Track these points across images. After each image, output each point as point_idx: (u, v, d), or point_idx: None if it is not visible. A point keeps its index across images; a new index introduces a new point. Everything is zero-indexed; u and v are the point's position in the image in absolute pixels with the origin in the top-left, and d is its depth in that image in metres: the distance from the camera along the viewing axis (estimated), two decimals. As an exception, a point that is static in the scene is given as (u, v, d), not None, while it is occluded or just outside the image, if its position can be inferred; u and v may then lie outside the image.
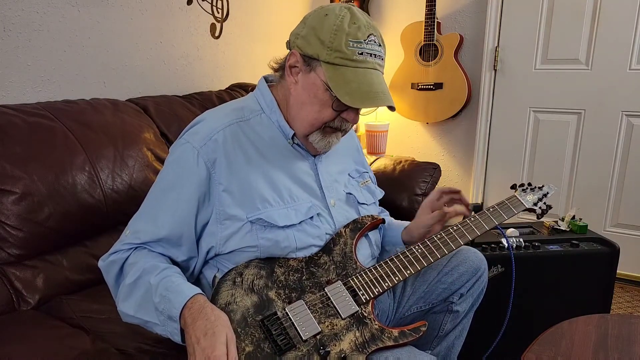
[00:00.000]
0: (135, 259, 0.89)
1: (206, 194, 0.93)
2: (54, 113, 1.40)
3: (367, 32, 0.89)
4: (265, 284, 0.89)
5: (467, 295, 1.15)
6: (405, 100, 2.69)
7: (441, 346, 1.19)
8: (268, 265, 0.92)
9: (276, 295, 0.88)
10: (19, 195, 1.23)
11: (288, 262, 0.93)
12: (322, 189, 1.03)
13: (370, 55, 0.89)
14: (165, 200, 0.93)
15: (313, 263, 0.95)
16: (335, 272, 0.94)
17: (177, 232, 0.92)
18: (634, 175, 2.31)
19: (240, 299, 0.86)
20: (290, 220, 0.94)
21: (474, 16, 2.54)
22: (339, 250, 0.97)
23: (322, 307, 0.88)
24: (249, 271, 0.90)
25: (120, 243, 0.93)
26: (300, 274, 0.92)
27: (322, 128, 0.96)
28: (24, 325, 1.11)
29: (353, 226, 1.02)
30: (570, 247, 1.58)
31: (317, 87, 0.91)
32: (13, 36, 1.51)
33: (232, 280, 0.88)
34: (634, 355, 1.02)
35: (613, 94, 2.29)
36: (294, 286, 0.90)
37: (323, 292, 0.90)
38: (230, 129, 0.96)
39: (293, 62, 0.94)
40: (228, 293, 0.86)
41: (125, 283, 0.87)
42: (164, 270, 0.86)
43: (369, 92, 0.88)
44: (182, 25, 2.11)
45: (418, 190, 2.21)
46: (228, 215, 0.92)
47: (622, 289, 2.34)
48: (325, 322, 0.86)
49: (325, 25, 0.89)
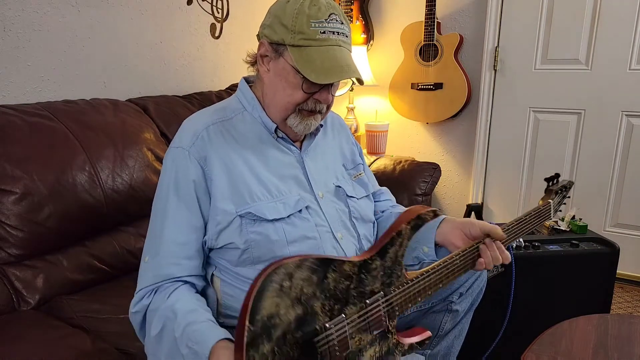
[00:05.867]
0: (156, 304, 0.89)
1: (205, 190, 0.94)
2: (54, 113, 1.40)
3: (328, 12, 0.92)
4: (313, 292, 0.79)
5: (467, 294, 1.15)
6: (405, 100, 2.69)
7: (441, 345, 1.18)
8: (322, 269, 0.81)
9: (321, 308, 0.80)
10: (19, 195, 1.23)
11: (342, 267, 0.84)
12: (309, 181, 1.03)
13: (332, 33, 0.92)
14: (170, 210, 0.94)
15: (365, 268, 0.87)
16: (381, 280, 0.89)
17: (190, 238, 0.93)
18: (634, 175, 2.31)
19: (284, 311, 0.75)
20: (279, 213, 0.95)
21: (474, 16, 2.54)
22: (393, 254, 0.91)
23: (359, 322, 0.85)
24: (300, 274, 0.78)
25: (141, 279, 0.93)
26: (350, 281, 0.84)
27: (298, 111, 0.98)
28: (24, 325, 1.11)
29: (415, 223, 0.94)
30: (570, 247, 1.58)
31: (287, 71, 0.94)
32: (13, 36, 1.51)
33: (280, 284, 0.75)
34: (634, 355, 1.02)
35: (613, 94, 2.29)
36: (340, 296, 0.83)
37: (363, 304, 0.86)
38: (213, 127, 0.98)
39: (263, 52, 0.98)
40: (273, 302, 0.74)
41: (151, 335, 0.87)
42: (186, 315, 0.85)
43: (334, 66, 0.91)
44: (182, 25, 2.11)
45: (418, 190, 2.22)
46: (218, 210, 0.93)
47: (622, 289, 2.34)
48: (355, 338, 0.84)
49: (287, 10, 0.92)
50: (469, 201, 2.70)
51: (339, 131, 1.20)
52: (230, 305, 0.98)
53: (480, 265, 1.02)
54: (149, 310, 0.90)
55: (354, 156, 1.21)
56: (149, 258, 0.93)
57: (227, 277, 0.97)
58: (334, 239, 1.01)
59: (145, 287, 0.91)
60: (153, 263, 0.92)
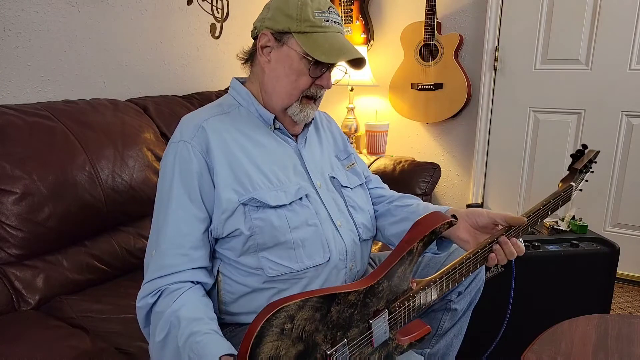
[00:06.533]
0: (162, 307, 0.89)
1: (209, 181, 0.95)
2: (54, 113, 1.40)
3: (327, 5, 1.00)
4: (315, 328, 0.78)
5: (465, 293, 1.15)
6: (405, 100, 2.69)
7: (440, 344, 1.19)
8: (326, 305, 0.79)
9: (322, 339, 0.79)
10: (19, 195, 1.23)
11: (347, 297, 0.81)
12: (307, 172, 1.06)
13: (334, 23, 1.00)
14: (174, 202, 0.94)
15: (371, 293, 0.85)
16: (386, 299, 0.87)
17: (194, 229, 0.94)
18: (634, 175, 2.31)
19: (285, 352, 0.74)
20: (281, 200, 0.97)
21: (474, 16, 2.54)
22: (401, 273, 0.88)
23: (361, 340, 0.84)
24: (302, 314, 0.76)
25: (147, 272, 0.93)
26: (354, 308, 0.83)
27: (299, 99, 1.01)
28: (24, 325, 1.11)
29: (429, 239, 0.91)
30: (570, 247, 1.58)
31: (292, 58, 0.98)
32: (13, 36, 1.51)
33: (280, 328, 0.73)
34: (634, 356, 1.02)
35: (613, 94, 2.29)
36: (342, 324, 0.81)
37: (366, 325, 0.85)
38: (212, 120, 1.01)
39: (264, 42, 1.01)
40: (272, 345, 0.72)
41: (155, 340, 0.88)
42: (190, 324, 0.84)
43: (342, 48, 0.98)
44: (182, 25, 2.11)
45: (418, 190, 2.22)
46: (222, 199, 0.94)
47: (622, 289, 2.34)
48: (356, 354, 0.84)
49: (290, 3, 0.98)
50: (469, 201, 2.70)
51: (328, 125, 1.24)
52: (231, 303, 0.99)
53: (492, 263, 1.00)
54: (154, 312, 0.90)
55: (346, 146, 1.23)
56: (155, 252, 0.94)
57: (230, 272, 0.98)
58: (334, 226, 1.03)
59: (151, 279, 0.91)
60: (157, 254, 0.93)
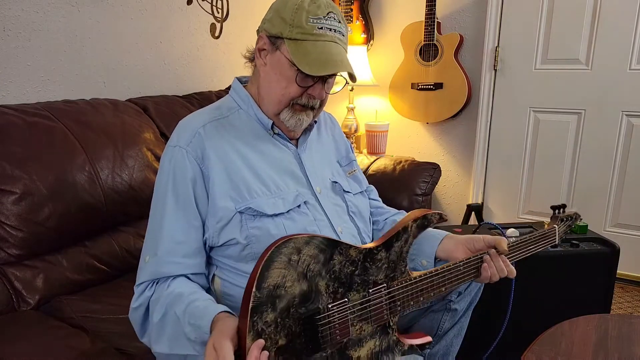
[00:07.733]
0: (158, 294, 0.89)
1: (202, 189, 0.94)
2: (54, 113, 1.40)
3: (327, 10, 0.94)
4: (319, 271, 0.81)
5: (465, 293, 1.15)
6: (405, 100, 2.69)
7: (440, 345, 1.19)
8: (329, 249, 0.83)
9: (325, 288, 0.82)
10: (19, 195, 1.23)
11: (348, 251, 0.86)
12: (307, 177, 1.04)
13: (330, 30, 0.94)
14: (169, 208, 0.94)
15: (370, 257, 0.89)
16: (385, 272, 0.90)
17: (189, 237, 0.93)
18: (634, 175, 2.31)
19: (290, 284, 0.77)
20: (279, 209, 0.95)
21: (474, 16, 2.54)
22: (398, 248, 0.93)
23: (360, 309, 0.86)
24: (308, 250, 0.80)
25: (139, 276, 0.93)
26: (355, 267, 0.86)
27: (291, 105, 0.99)
28: (24, 325, 1.11)
29: (421, 222, 0.96)
30: (570, 247, 1.58)
31: (282, 64, 0.95)
32: (13, 36, 1.51)
33: (288, 257, 0.77)
34: (634, 356, 1.02)
35: (613, 94, 2.28)
36: (344, 280, 0.85)
37: (366, 293, 0.87)
38: (210, 125, 0.99)
39: (261, 45, 0.99)
40: (279, 273, 0.76)
41: (154, 322, 0.87)
42: (187, 296, 0.85)
43: (328, 60, 0.92)
44: (182, 25, 2.11)
45: (418, 190, 2.21)
46: (218, 207, 0.93)
47: (622, 289, 2.34)
48: (356, 326, 0.85)
49: (287, 5, 0.94)
50: (469, 201, 2.70)
51: (331, 128, 1.22)
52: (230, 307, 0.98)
53: (485, 278, 1.03)
54: (152, 301, 0.90)
55: (348, 153, 1.22)
56: (149, 258, 0.94)
57: (228, 276, 0.97)
58: (334, 232, 1.02)
59: (144, 281, 0.92)
60: (152, 262, 0.92)
